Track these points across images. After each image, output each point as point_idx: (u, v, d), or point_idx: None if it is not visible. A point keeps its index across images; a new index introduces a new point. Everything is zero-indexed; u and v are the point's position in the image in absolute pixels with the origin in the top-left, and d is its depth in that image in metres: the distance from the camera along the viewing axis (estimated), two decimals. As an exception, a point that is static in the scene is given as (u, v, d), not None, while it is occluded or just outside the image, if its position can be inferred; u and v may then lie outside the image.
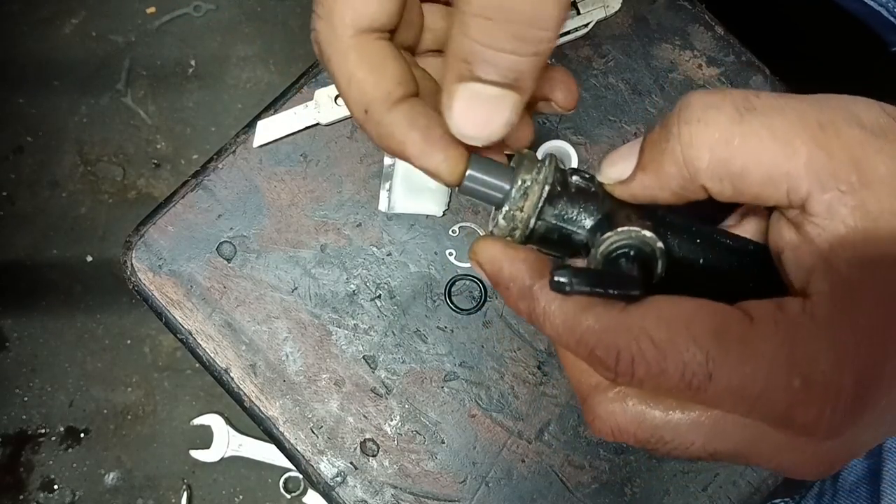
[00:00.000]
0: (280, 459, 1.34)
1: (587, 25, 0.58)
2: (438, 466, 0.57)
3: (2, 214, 1.48)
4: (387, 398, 0.57)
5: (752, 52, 0.59)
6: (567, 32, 0.58)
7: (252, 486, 1.39)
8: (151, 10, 1.53)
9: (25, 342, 1.45)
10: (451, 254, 0.58)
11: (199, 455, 1.36)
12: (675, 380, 0.26)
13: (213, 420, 1.37)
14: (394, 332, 0.58)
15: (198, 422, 1.39)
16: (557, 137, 0.58)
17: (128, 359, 1.44)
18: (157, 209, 0.59)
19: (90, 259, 1.47)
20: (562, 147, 0.58)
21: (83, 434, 1.42)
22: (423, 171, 0.32)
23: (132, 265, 0.58)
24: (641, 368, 0.27)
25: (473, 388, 0.57)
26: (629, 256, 0.30)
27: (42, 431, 1.42)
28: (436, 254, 0.58)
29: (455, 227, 0.58)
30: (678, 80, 0.59)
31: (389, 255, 0.59)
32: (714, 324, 0.26)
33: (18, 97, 1.51)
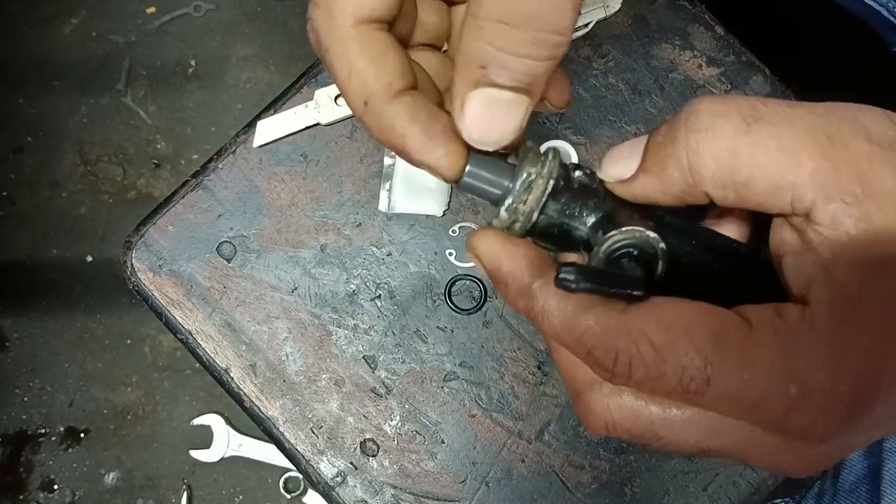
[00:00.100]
0: (280, 459, 1.34)
1: (587, 25, 0.58)
2: (438, 466, 0.57)
3: (2, 214, 1.48)
4: (387, 398, 0.57)
5: (752, 52, 0.59)
6: (567, 32, 0.58)
7: (252, 486, 1.39)
8: (151, 10, 1.53)
9: (25, 342, 1.45)
10: (451, 254, 0.58)
11: (199, 455, 1.36)
12: (673, 383, 0.26)
13: (213, 420, 1.37)
14: (394, 332, 0.58)
15: (198, 422, 1.38)
16: (557, 137, 0.58)
17: (128, 359, 1.44)
18: (157, 209, 0.59)
19: (90, 259, 1.47)
20: (562, 147, 0.58)
21: (83, 434, 1.42)
22: (422, 166, 0.31)
23: (132, 265, 0.58)
24: (639, 371, 0.27)
25: (473, 388, 0.57)
26: (632, 256, 0.30)
27: (42, 431, 1.42)
28: (436, 254, 0.58)
29: (455, 227, 0.58)
30: (678, 80, 0.59)
31: (389, 255, 0.59)
32: (714, 329, 0.26)
33: (18, 97, 1.51)
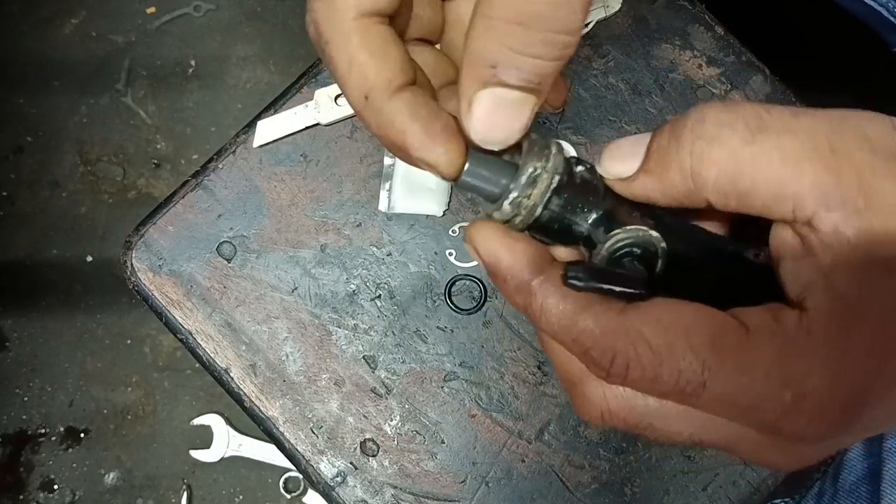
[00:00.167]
0: (280, 459, 1.34)
1: (587, 25, 0.58)
2: (438, 466, 0.57)
3: (2, 214, 1.48)
4: (387, 398, 0.57)
5: (752, 52, 0.59)
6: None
7: (252, 486, 1.39)
8: (151, 10, 1.53)
9: (25, 342, 1.45)
10: (451, 254, 0.58)
11: (199, 455, 1.36)
12: (670, 385, 0.27)
13: (213, 420, 1.37)
14: (394, 332, 0.58)
15: (198, 422, 1.38)
16: (557, 137, 0.58)
17: (128, 359, 1.44)
18: (157, 209, 0.59)
19: (90, 259, 1.47)
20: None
21: (83, 434, 1.42)
22: (421, 164, 0.31)
23: (132, 265, 0.58)
24: (636, 373, 0.27)
25: (473, 388, 0.57)
26: (634, 255, 0.30)
27: (42, 431, 1.42)
28: (436, 254, 0.58)
29: (455, 227, 0.58)
30: (678, 80, 0.59)
31: (389, 255, 0.59)
32: (712, 333, 0.27)
33: (18, 97, 1.51)
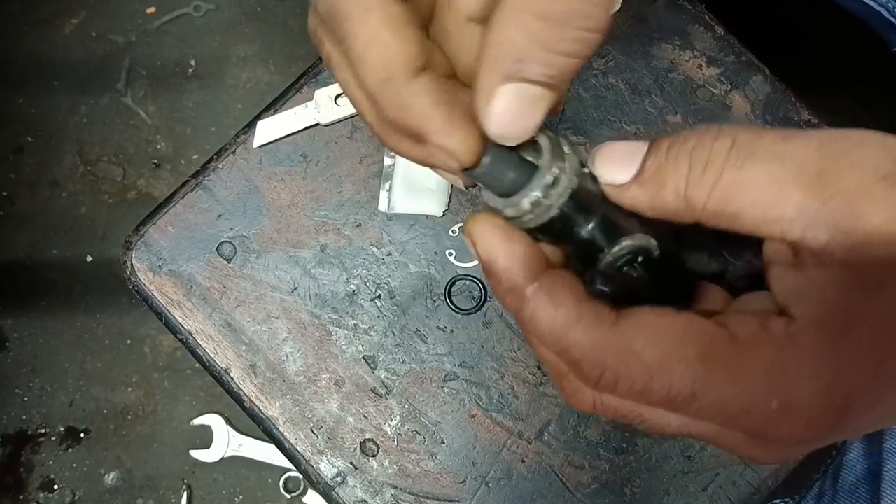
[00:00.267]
0: (280, 459, 1.34)
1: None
2: (438, 466, 0.57)
3: (2, 214, 1.48)
4: (387, 398, 0.57)
5: (752, 52, 0.59)
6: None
7: (252, 486, 1.39)
8: (151, 10, 1.53)
9: (25, 342, 1.45)
10: (451, 254, 0.58)
11: (199, 455, 1.36)
12: (660, 397, 0.27)
13: (213, 420, 1.37)
14: (394, 332, 0.58)
15: (198, 422, 1.38)
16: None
17: (128, 359, 1.44)
18: (157, 209, 0.59)
19: (90, 259, 1.47)
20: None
21: (83, 434, 1.42)
22: (436, 150, 0.30)
23: (132, 265, 0.58)
24: (625, 386, 0.28)
25: (473, 388, 0.57)
26: (637, 262, 0.31)
27: (42, 431, 1.42)
28: (436, 254, 0.58)
29: (455, 227, 0.58)
30: (678, 80, 0.59)
31: (389, 255, 0.59)
32: (701, 345, 0.27)
33: (18, 97, 1.51)
